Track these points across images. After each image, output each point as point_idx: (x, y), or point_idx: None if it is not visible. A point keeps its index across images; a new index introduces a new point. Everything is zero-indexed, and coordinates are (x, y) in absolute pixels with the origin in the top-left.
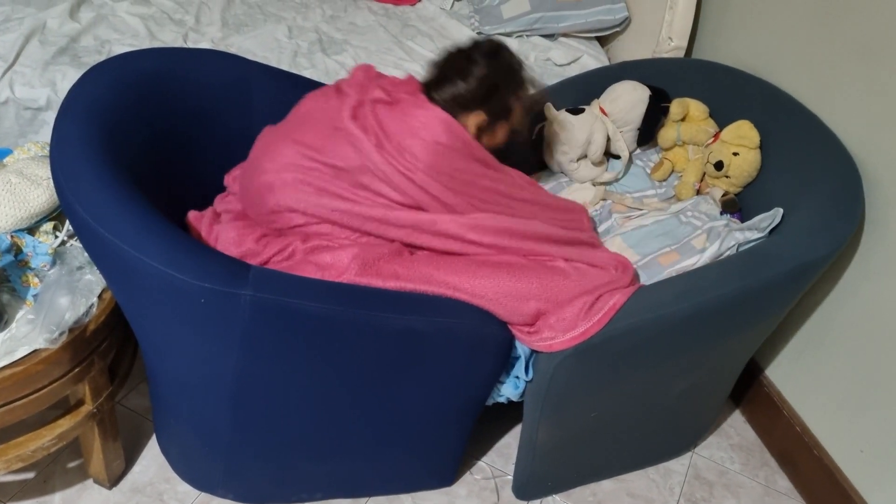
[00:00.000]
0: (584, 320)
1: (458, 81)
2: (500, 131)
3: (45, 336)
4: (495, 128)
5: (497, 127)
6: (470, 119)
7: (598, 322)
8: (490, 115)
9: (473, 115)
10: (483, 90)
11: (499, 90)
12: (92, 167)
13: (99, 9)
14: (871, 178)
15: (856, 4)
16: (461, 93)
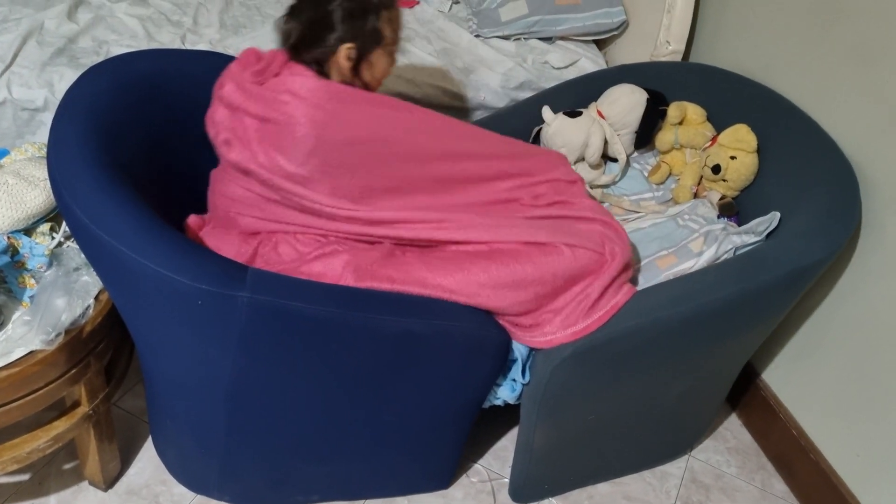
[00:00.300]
0: (585, 318)
1: (312, 28)
2: (377, 59)
3: (42, 337)
4: (370, 57)
5: (372, 56)
6: (340, 59)
7: (599, 319)
8: (358, 45)
9: (342, 54)
10: (337, 25)
11: (356, 17)
12: (89, 168)
13: (97, 10)
14: (869, 183)
15: (852, 9)
16: (320, 38)
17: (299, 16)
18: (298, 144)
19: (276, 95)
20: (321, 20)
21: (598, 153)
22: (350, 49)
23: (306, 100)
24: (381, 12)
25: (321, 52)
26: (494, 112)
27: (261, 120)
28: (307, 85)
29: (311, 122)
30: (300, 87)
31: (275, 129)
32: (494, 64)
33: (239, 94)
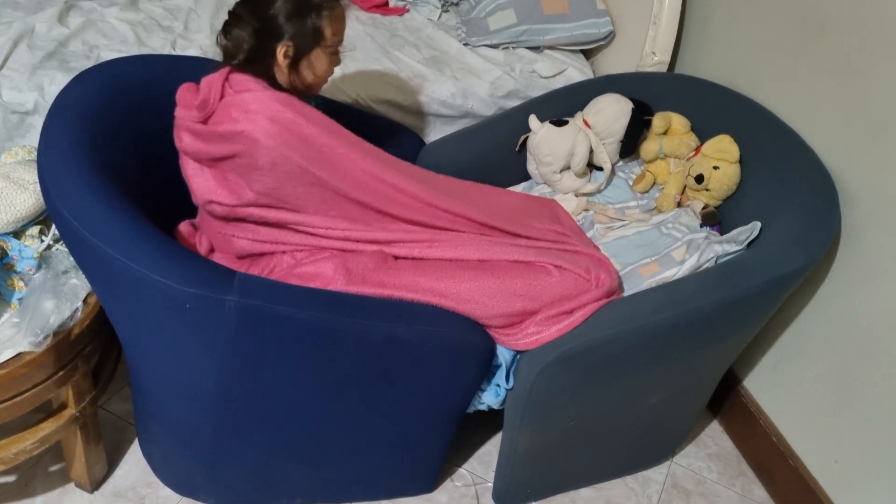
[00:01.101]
0: (569, 315)
1: (259, 38)
2: (317, 59)
3: (30, 339)
4: (310, 56)
5: (312, 55)
6: (279, 58)
7: (583, 315)
8: (296, 44)
9: (280, 52)
10: (279, 21)
11: (295, 16)
12: (79, 172)
13: (88, 14)
14: (847, 193)
15: (834, 25)
16: (268, 46)
17: (242, 27)
18: (264, 168)
19: (229, 122)
20: (266, 27)
21: (583, 162)
22: (287, 47)
23: (260, 113)
24: (322, 12)
25: (269, 60)
26: (482, 120)
27: (229, 157)
28: (258, 98)
29: (270, 138)
30: (251, 101)
31: (241, 161)
32: (483, 72)
33: (197, 142)
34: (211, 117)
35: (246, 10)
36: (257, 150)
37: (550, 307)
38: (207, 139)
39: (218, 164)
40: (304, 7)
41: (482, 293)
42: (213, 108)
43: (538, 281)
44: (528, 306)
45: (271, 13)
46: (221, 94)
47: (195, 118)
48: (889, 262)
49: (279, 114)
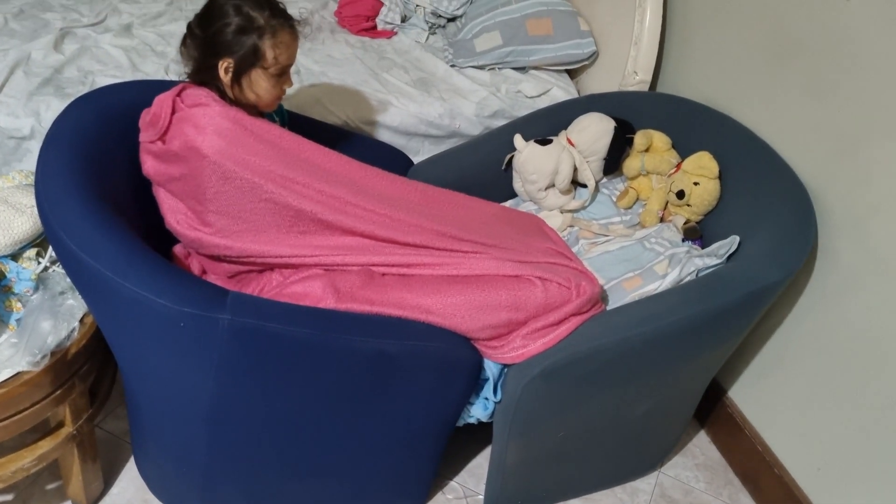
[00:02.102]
0: (554, 328)
1: (205, 51)
2: (257, 79)
3: (28, 359)
4: (250, 74)
5: (252, 74)
6: (220, 72)
7: (568, 328)
8: (236, 61)
9: (221, 67)
10: (223, 40)
11: (238, 34)
12: (75, 196)
13: (83, 41)
14: (823, 207)
15: (806, 45)
16: (213, 60)
17: (192, 40)
18: (215, 184)
19: (181, 137)
20: (211, 42)
21: (567, 179)
22: (228, 63)
23: (208, 127)
24: (265, 33)
25: (214, 74)
26: (469, 140)
27: (184, 176)
28: (207, 112)
29: (216, 153)
30: (200, 116)
31: (195, 181)
32: (469, 93)
33: (157, 163)
34: (166, 135)
35: (197, 25)
36: (205, 165)
37: (536, 320)
38: (165, 159)
39: (178, 189)
40: (248, 27)
41: (468, 307)
42: (164, 124)
43: (522, 292)
44: (514, 317)
45: (216, 29)
46: (173, 109)
47: (151, 137)
48: (864, 273)
49: (225, 128)
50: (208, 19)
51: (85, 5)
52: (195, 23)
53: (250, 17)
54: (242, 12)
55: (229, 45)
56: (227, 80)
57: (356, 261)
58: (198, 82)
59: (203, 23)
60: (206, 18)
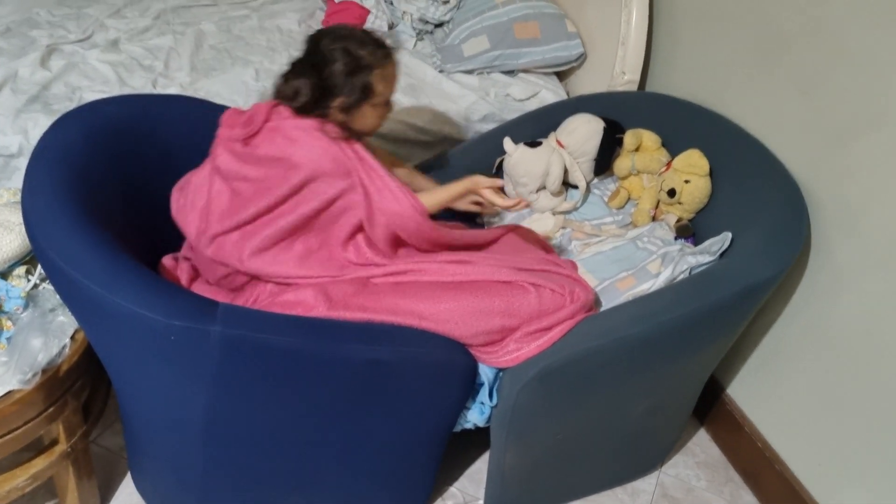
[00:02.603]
0: (547, 331)
1: (316, 93)
2: (368, 111)
3: (19, 377)
4: (361, 109)
5: (363, 108)
6: (333, 111)
7: (561, 330)
8: (350, 99)
9: (335, 104)
10: (335, 79)
11: (350, 74)
12: (62, 212)
13: (69, 57)
14: (815, 203)
15: (792, 40)
16: (324, 102)
17: (302, 80)
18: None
19: (272, 147)
20: (324, 84)
21: (558, 181)
22: (341, 102)
23: (302, 141)
24: (375, 70)
25: (322, 111)
26: (459, 144)
27: (258, 180)
28: (301, 125)
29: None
30: (292, 128)
31: (268, 184)
32: (458, 98)
33: (233, 161)
34: (253, 139)
35: (306, 66)
36: (294, 174)
37: (529, 324)
38: (244, 160)
39: (244, 188)
40: (357, 67)
41: (462, 312)
42: (255, 128)
43: (516, 298)
44: (508, 323)
45: (329, 71)
46: (266, 118)
47: (238, 136)
48: (857, 267)
49: (325, 145)
50: (316, 63)
51: (72, 21)
52: (303, 63)
53: (358, 56)
54: (351, 54)
55: (341, 87)
56: (339, 117)
57: (355, 273)
58: (297, 113)
59: (312, 63)
60: (314, 62)
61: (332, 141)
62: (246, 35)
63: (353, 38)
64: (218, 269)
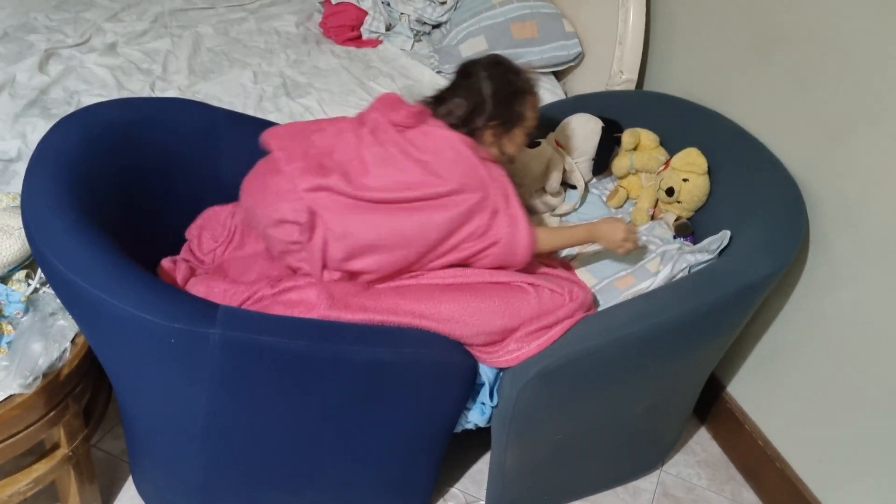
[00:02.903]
0: (548, 330)
1: (469, 114)
2: (516, 135)
3: (19, 382)
4: (511, 134)
5: (513, 132)
6: (486, 135)
7: (560, 330)
8: (502, 124)
9: (488, 131)
10: (490, 103)
11: (504, 102)
12: (61, 216)
13: (67, 61)
14: (814, 200)
15: (789, 38)
16: (473, 121)
17: (458, 100)
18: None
19: (419, 150)
20: (477, 108)
21: (557, 181)
22: (495, 127)
23: (451, 151)
24: (527, 97)
25: (469, 129)
26: None
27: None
28: (449, 138)
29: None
30: (441, 139)
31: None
32: None
33: (389, 142)
34: (407, 131)
35: (464, 89)
36: (441, 183)
37: (529, 323)
38: (395, 144)
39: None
40: (514, 92)
41: (462, 313)
42: (413, 123)
43: (515, 299)
44: (508, 324)
45: (486, 96)
46: (424, 120)
47: (401, 121)
48: (856, 262)
49: (475, 163)
50: (472, 87)
51: (69, 26)
52: (460, 86)
53: (514, 83)
54: (508, 80)
55: (497, 111)
56: (490, 140)
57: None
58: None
59: (469, 88)
60: (469, 86)
61: (481, 161)
62: (243, 37)
63: (508, 66)
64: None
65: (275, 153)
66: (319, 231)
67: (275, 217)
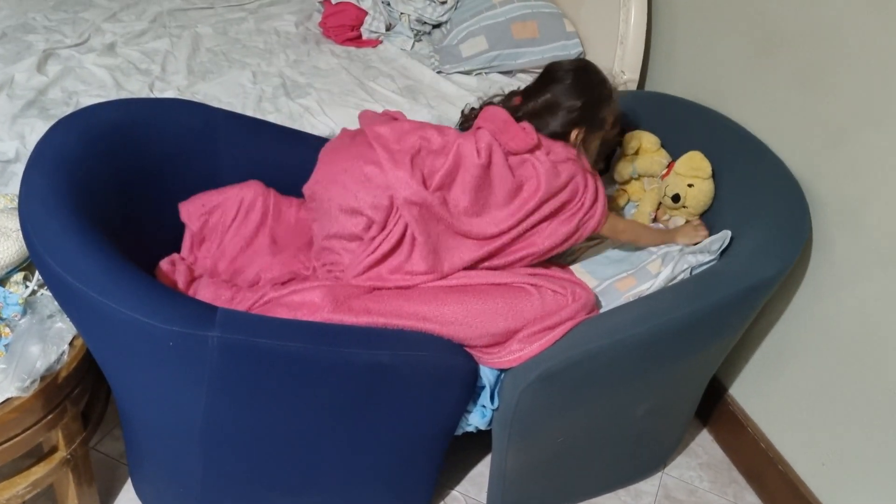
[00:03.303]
0: (550, 330)
1: (555, 106)
2: (594, 140)
3: (17, 385)
4: (591, 137)
5: (593, 137)
6: (571, 138)
7: (562, 330)
8: (587, 129)
9: (572, 135)
10: (579, 109)
11: (591, 107)
12: (59, 218)
13: (66, 61)
14: (817, 201)
15: (792, 39)
16: (566, 129)
17: (546, 104)
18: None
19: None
20: (566, 112)
21: None
22: (580, 132)
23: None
24: (610, 104)
25: (560, 137)
26: None
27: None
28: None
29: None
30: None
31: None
32: (457, 99)
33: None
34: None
35: (552, 93)
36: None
37: (532, 324)
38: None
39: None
40: (600, 100)
41: (466, 314)
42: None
43: (519, 300)
44: (512, 325)
45: (575, 104)
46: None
47: (516, 147)
48: (859, 264)
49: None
50: (560, 91)
51: (68, 26)
52: (539, 94)
53: (597, 90)
54: (596, 86)
55: (585, 119)
56: (574, 144)
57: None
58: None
59: (555, 94)
60: (555, 92)
61: (584, 172)
62: (243, 37)
63: (595, 71)
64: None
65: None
66: (395, 233)
67: (352, 205)
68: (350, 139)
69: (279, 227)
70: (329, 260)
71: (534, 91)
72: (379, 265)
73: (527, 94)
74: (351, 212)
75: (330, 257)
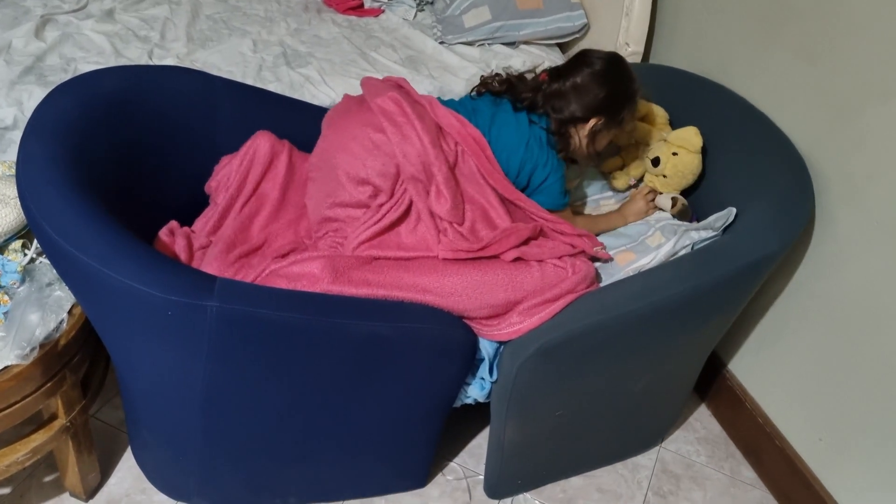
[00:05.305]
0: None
1: (586, 111)
2: (606, 135)
3: (16, 352)
4: (605, 131)
5: (608, 132)
6: (587, 126)
7: (562, 303)
8: (607, 120)
9: (589, 124)
10: (605, 97)
11: (617, 97)
12: (57, 185)
13: (64, 27)
14: (820, 177)
15: (799, 11)
16: (586, 116)
17: (569, 90)
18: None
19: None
20: (588, 100)
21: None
22: (598, 120)
23: None
24: (634, 104)
25: (577, 118)
26: None
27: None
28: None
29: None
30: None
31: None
32: (459, 70)
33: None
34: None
35: (578, 79)
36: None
37: (532, 296)
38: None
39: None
40: (625, 95)
41: (465, 286)
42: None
43: (519, 272)
44: (512, 297)
45: (600, 95)
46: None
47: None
48: (861, 241)
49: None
50: (584, 82)
51: None
52: (565, 80)
53: (626, 85)
54: (621, 81)
55: (607, 109)
56: (584, 135)
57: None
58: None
59: (581, 81)
60: (580, 79)
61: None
62: (243, 5)
63: (628, 67)
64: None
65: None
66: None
67: (361, 175)
68: (357, 106)
69: (293, 184)
70: (332, 228)
71: (564, 71)
72: (385, 234)
73: (556, 73)
74: (358, 180)
75: (333, 225)
